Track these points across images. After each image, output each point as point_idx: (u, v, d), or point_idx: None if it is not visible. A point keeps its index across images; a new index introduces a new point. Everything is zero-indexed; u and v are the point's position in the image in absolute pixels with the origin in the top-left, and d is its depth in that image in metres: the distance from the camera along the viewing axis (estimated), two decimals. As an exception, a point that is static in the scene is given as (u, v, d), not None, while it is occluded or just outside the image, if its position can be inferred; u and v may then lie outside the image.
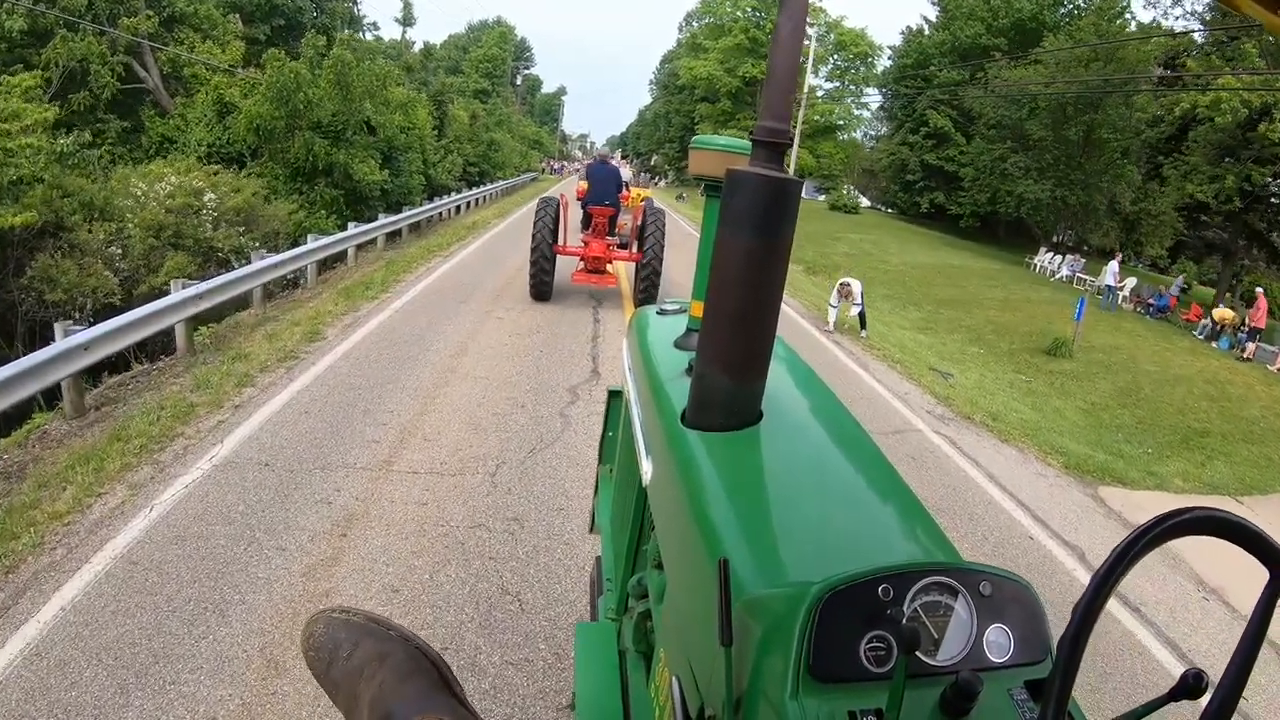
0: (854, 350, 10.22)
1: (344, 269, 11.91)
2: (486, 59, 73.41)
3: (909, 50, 37.81)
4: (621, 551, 2.10)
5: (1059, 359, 14.37)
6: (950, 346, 13.73)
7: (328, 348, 7.06)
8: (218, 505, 4.09)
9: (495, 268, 11.98)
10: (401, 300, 9.15)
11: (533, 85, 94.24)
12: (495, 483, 4.59)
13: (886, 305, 16.63)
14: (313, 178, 14.46)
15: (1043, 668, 0.89)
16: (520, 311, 9.01)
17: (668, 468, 1.46)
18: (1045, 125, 25.76)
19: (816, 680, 0.83)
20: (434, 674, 0.83)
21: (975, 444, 7.32)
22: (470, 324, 8.17)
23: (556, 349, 7.57)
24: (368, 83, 14.14)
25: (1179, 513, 0.69)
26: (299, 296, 9.76)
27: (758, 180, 1.32)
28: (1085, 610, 0.66)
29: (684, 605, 1.25)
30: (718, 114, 46.40)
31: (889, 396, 8.27)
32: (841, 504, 1.31)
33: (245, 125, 13.92)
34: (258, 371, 6.41)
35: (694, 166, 1.96)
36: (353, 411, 5.51)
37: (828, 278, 19.96)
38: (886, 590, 0.87)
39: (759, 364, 1.44)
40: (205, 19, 19.71)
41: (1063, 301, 19.59)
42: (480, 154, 31.21)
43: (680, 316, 2.22)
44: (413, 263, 11.94)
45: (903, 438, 6.96)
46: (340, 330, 7.74)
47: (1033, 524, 5.57)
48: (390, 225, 13.62)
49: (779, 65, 1.35)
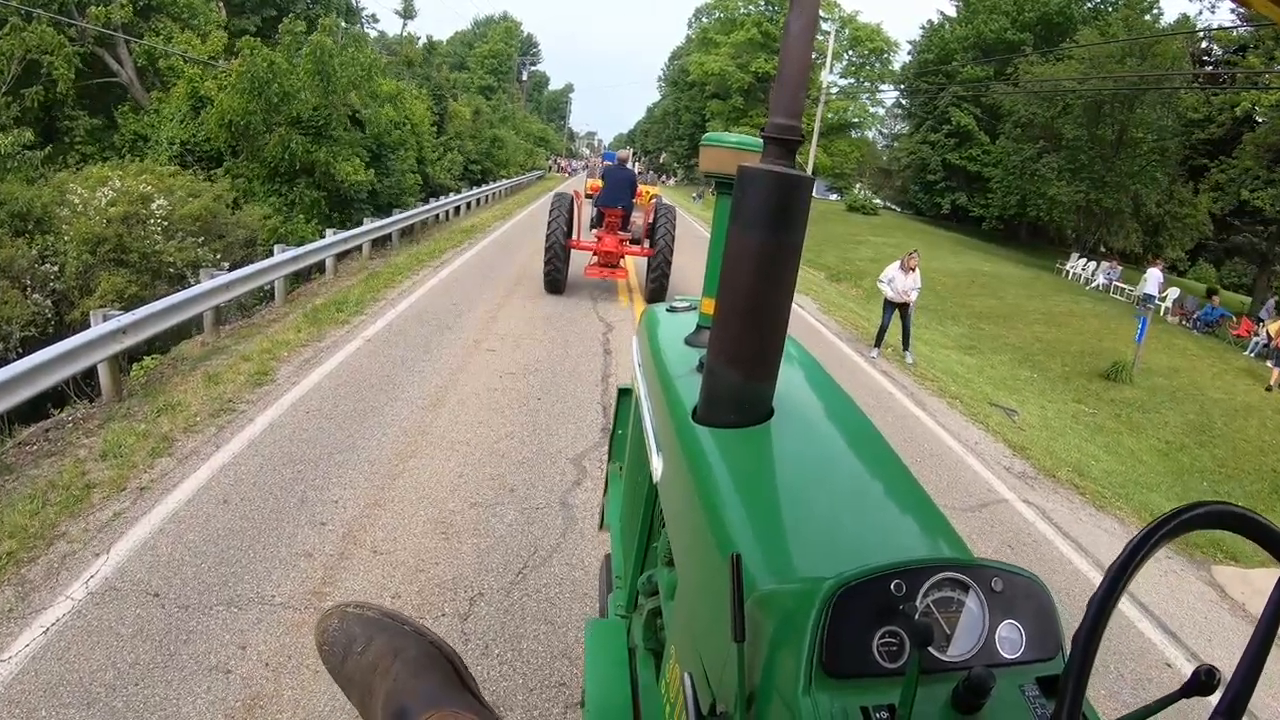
0: (904, 382, 8.82)
1: (320, 282, 10.56)
2: (492, 54, 71.99)
3: (930, 45, 36.26)
4: (631, 548, 2.08)
5: (1119, 384, 12.93)
6: (1000, 370, 12.31)
7: (273, 396, 5.70)
8: (75, 674, 2.76)
9: (490, 281, 10.60)
10: (376, 326, 7.77)
11: (539, 82, 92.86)
12: (467, 633, 3.22)
13: (924, 318, 15.21)
14: (293, 178, 13.11)
15: (1055, 664, 0.89)
16: (515, 342, 7.63)
17: (678, 464, 1.45)
18: (1080, 124, 24.21)
19: (829, 676, 0.83)
20: (448, 669, 0.83)
21: (1070, 517, 5.96)
22: (454, 360, 6.79)
23: (557, 396, 6.18)
24: (352, 73, 12.73)
25: (1193, 506, 0.69)
26: (260, 319, 8.40)
27: (769, 177, 1.32)
28: (1100, 605, 0.65)
29: (695, 601, 1.23)
30: (729, 111, 44.98)
31: (959, 449, 6.87)
32: (852, 500, 1.31)
33: (217, 121, 12.56)
34: (182, 432, 5.06)
35: (705, 164, 2.02)
36: (285, 501, 4.15)
37: (854, 285, 18.54)
38: (899, 586, 0.86)
39: (770, 360, 1.42)
40: (185, 7, 18.38)
41: (1107, 314, 18.14)
42: (483, 151, 29.79)
43: (690, 314, 2.22)
44: (398, 275, 10.57)
45: (991, 515, 5.56)
46: (295, 369, 6.37)
47: (1165, 641, 4.27)
48: (374, 231, 12.25)
49: (790, 62, 1.35)
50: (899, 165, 37.98)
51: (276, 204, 12.87)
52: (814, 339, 10.04)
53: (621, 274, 10.80)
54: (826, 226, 28.25)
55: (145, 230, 8.55)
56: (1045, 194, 25.57)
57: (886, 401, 7.84)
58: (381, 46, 53.26)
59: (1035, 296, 18.69)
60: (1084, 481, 6.99)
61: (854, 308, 13.75)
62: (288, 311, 8.75)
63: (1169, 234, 28.51)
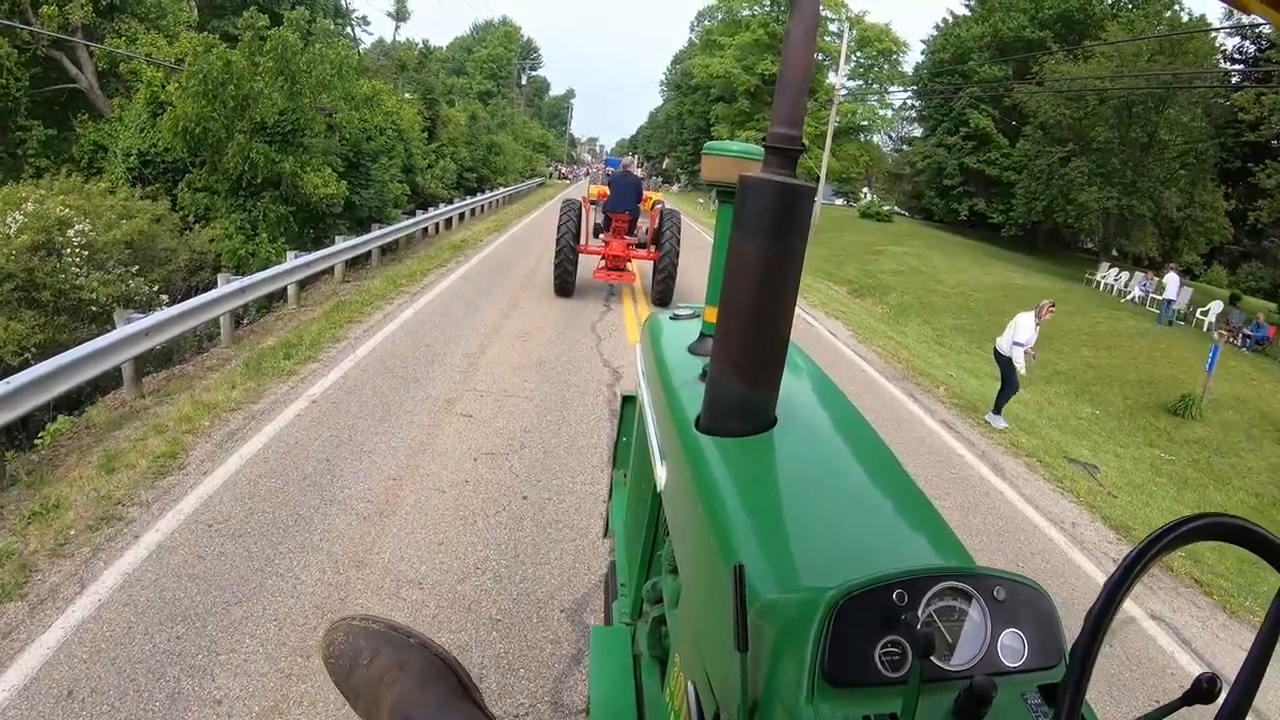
0: (971, 437, 7.36)
1: (279, 314, 9.16)
2: (491, 59, 70.80)
3: (945, 44, 34.84)
4: (636, 556, 2.06)
5: (1188, 420, 11.45)
6: (1060, 406, 10.84)
7: (175, 495, 4.28)
8: None
9: (475, 312, 9.16)
10: (328, 378, 6.33)
11: (539, 87, 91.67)
12: None
13: (961, 340, 13.75)
14: (257, 192, 11.68)
15: (1057, 672, 0.89)
16: (498, 401, 6.18)
17: (682, 473, 1.45)
18: (1112, 126, 22.73)
19: (832, 685, 0.83)
20: (453, 680, 0.84)
21: (1204, 633, 4.63)
22: (417, 432, 5.34)
23: (551, 490, 4.73)
24: (321, 72, 11.28)
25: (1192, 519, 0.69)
26: (195, 367, 6.98)
27: (771, 187, 1.32)
28: (1098, 617, 0.66)
29: (699, 610, 1.23)
30: (734, 114, 43.63)
31: (1062, 541, 5.44)
32: (855, 509, 1.30)
33: (171, 128, 11.14)
34: (46, 556, 3.68)
35: (707, 173, 1.96)
36: (149, 699, 2.73)
37: (879, 301, 17.08)
38: (901, 595, 0.86)
39: (773, 369, 1.42)
40: (153, 7, 17.02)
41: (1152, 333, 16.68)
42: (478, 158, 28.36)
43: (693, 321, 2.22)
44: (369, 304, 9.13)
45: (1123, 646, 4.10)
46: (214, 448, 4.94)
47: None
48: (346, 252, 10.84)
49: (791, 70, 1.34)
50: (912, 169, 36.48)
51: (239, 221, 11.43)
52: (857, 380, 8.55)
53: (629, 277, 10.82)
54: (841, 235, 26.81)
55: (61, 262, 7.11)
56: (1074, 200, 24.03)
57: (960, 470, 6.37)
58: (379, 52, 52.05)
59: (1075, 313, 17.22)
60: (1202, 573, 5.56)
61: (887, 331, 12.29)
62: (231, 355, 7.33)
63: (1187, 238, 27.39)
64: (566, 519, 4.23)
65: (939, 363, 10.95)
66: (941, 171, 32.72)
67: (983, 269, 21.97)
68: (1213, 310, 20.26)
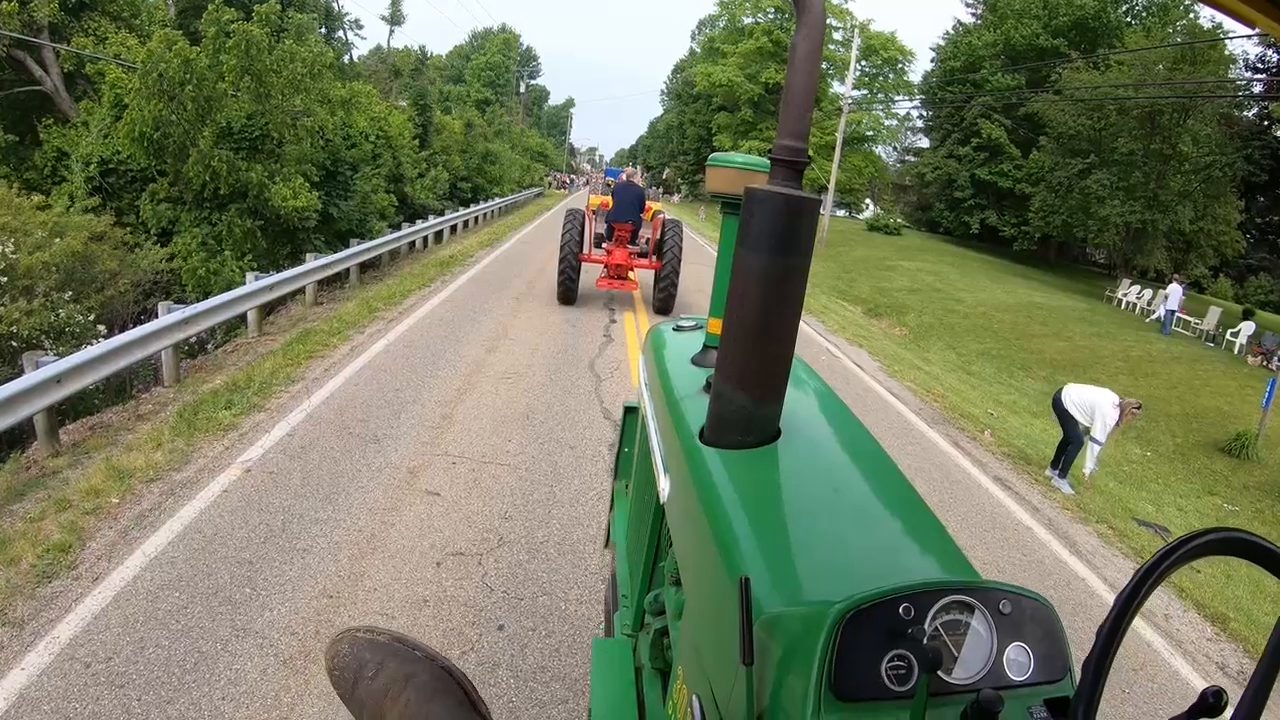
0: (1032, 499, 6.32)
1: (236, 344, 8.13)
2: (489, 66, 69.91)
3: (955, 52, 33.95)
4: (638, 567, 2.03)
5: (1245, 462, 10.43)
6: (1109, 447, 9.81)
7: (55, 615, 3.26)
8: None
9: (456, 344, 8.12)
10: (273, 434, 5.29)
11: (538, 96, 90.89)
12: None
13: (991, 368, 12.72)
14: (224, 205, 10.65)
15: (1063, 686, 0.88)
16: (474, 471, 5.14)
17: (686, 485, 1.43)
18: (1136, 137, 21.76)
19: (838, 699, 0.81)
20: (459, 693, 0.82)
21: None
22: (367, 522, 4.28)
23: (530, 617, 3.67)
24: (292, 72, 10.24)
25: (1201, 534, 0.68)
26: (124, 416, 5.94)
27: (777, 199, 1.30)
28: (1109, 632, 0.65)
29: (703, 623, 1.21)
30: (737, 124, 42.68)
31: (1151, 635, 4.40)
32: (860, 522, 1.28)
33: (127, 134, 10.12)
34: None
35: (712, 184, 1.93)
36: None
37: (897, 322, 16.05)
38: (908, 609, 0.84)
39: (777, 382, 1.39)
40: (125, 5, 16.04)
41: (1187, 357, 15.65)
42: (473, 167, 27.35)
43: (696, 333, 2.19)
44: (337, 333, 8.10)
45: None
46: (117, 537, 3.91)
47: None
48: (316, 272, 9.82)
49: (797, 83, 1.32)
50: (921, 181, 35.52)
51: (200, 236, 10.39)
52: (894, 425, 7.49)
53: (632, 285, 10.95)
54: (850, 249, 25.83)
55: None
56: (1096, 214, 23.02)
57: (1031, 549, 5.31)
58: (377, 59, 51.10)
59: (1103, 335, 16.22)
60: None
61: (913, 359, 11.26)
62: (172, 398, 6.30)
63: (1198, 252, 26.68)
64: (557, 665, 3.17)
65: (974, 397, 9.92)
66: (952, 183, 31.75)
67: (1001, 286, 20.97)
68: (1244, 332, 19.27)
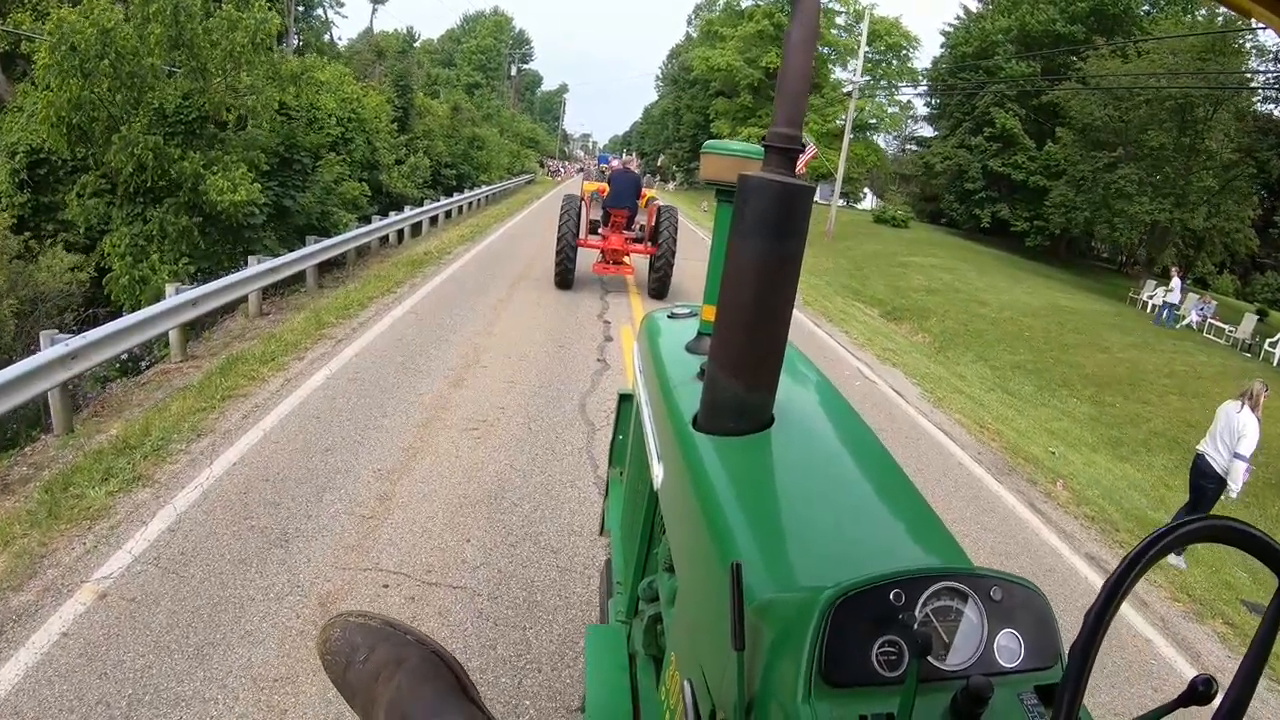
0: (1145, 597, 4.94)
1: (155, 372, 6.70)
2: (480, 50, 67.95)
3: (967, 38, 32.44)
4: (632, 554, 2.04)
5: (1334, 500, 9.13)
6: (1178, 490, 8.42)
7: None
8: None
9: (413, 375, 6.66)
10: (150, 528, 3.83)
11: (531, 81, 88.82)
12: None
13: (1030, 386, 11.34)
14: (158, 199, 9.13)
15: (1053, 673, 0.88)
16: (420, 593, 3.71)
17: (679, 471, 1.43)
18: (1167, 130, 20.37)
19: (829, 684, 0.82)
20: (450, 678, 0.82)
21: None
22: (253, 706, 2.87)
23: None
24: (231, 43, 8.68)
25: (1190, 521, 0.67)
26: (19, 469, 4.49)
27: (771, 186, 1.29)
28: (1097, 618, 0.65)
29: (696, 609, 1.22)
30: (736, 110, 41.18)
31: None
32: (853, 508, 1.29)
33: (45, 118, 8.60)
34: None
35: (706, 171, 1.93)
36: None
37: (918, 327, 14.62)
38: (898, 595, 0.85)
39: (771, 368, 1.40)
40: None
41: (1232, 370, 14.32)
42: (458, 153, 25.73)
43: (691, 320, 2.19)
44: (272, 359, 6.63)
45: None
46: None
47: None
48: (262, 277, 8.34)
49: (792, 70, 1.32)
50: (929, 171, 34.06)
51: (130, 236, 8.88)
52: (951, 475, 6.08)
53: (628, 270, 11.27)
54: (859, 243, 24.40)
55: None
56: (1123, 211, 21.64)
57: (1146, 656, 3.92)
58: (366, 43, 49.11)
59: (1142, 346, 14.89)
60: None
61: (951, 379, 9.86)
62: (51, 458, 4.84)
63: (1208, 250, 25.65)
64: None
65: (1025, 428, 8.55)
66: (963, 174, 30.32)
67: (1021, 286, 19.61)
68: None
